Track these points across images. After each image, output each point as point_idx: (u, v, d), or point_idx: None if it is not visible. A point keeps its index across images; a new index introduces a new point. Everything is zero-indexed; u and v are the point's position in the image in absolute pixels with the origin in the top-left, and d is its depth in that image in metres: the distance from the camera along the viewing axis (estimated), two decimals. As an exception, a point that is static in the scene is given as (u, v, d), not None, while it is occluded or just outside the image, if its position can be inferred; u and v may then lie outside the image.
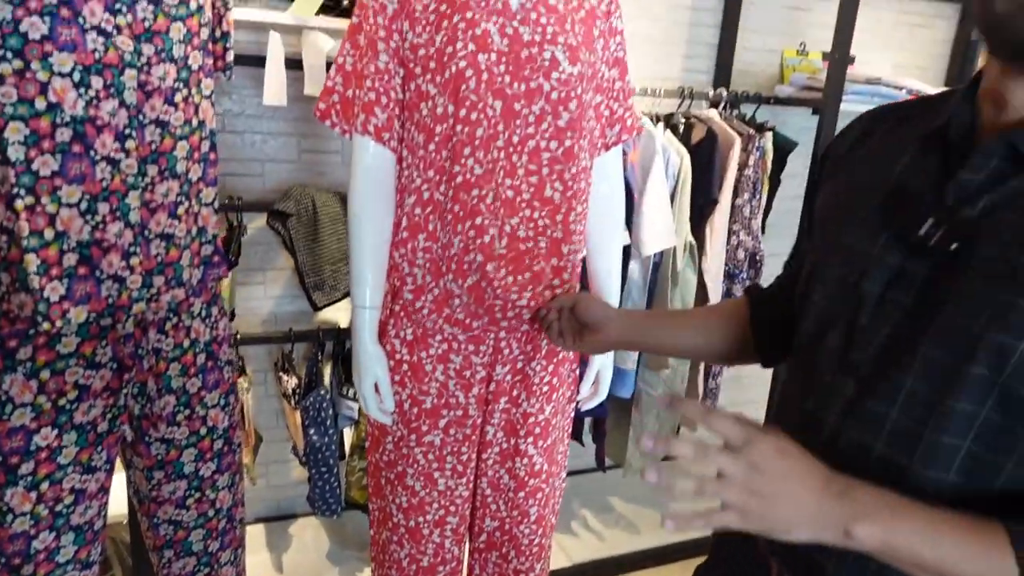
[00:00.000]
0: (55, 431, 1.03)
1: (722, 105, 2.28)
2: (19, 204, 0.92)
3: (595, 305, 1.08)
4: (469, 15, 1.15)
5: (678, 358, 2.17)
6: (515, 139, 1.19)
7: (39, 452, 1.03)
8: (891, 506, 0.61)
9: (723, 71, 2.48)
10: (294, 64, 1.76)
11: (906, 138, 0.74)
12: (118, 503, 1.47)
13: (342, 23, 1.65)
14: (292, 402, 1.96)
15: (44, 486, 1.04)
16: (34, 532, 1.05)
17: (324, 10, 1.62)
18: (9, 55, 0.89)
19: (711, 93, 2.27)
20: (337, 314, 2.17)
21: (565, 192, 1.23)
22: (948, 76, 2.93)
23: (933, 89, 2.46)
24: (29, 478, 1.03)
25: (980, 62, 2.81)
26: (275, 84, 1.61)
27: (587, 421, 2.45)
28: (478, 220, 1.17)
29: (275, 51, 1.60)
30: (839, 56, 2.03)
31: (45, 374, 1.01)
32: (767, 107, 2.38)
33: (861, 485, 0.63)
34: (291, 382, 1.97)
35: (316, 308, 1.91)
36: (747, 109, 2.38)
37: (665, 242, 2.06)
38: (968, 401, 0.62)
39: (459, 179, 1.17)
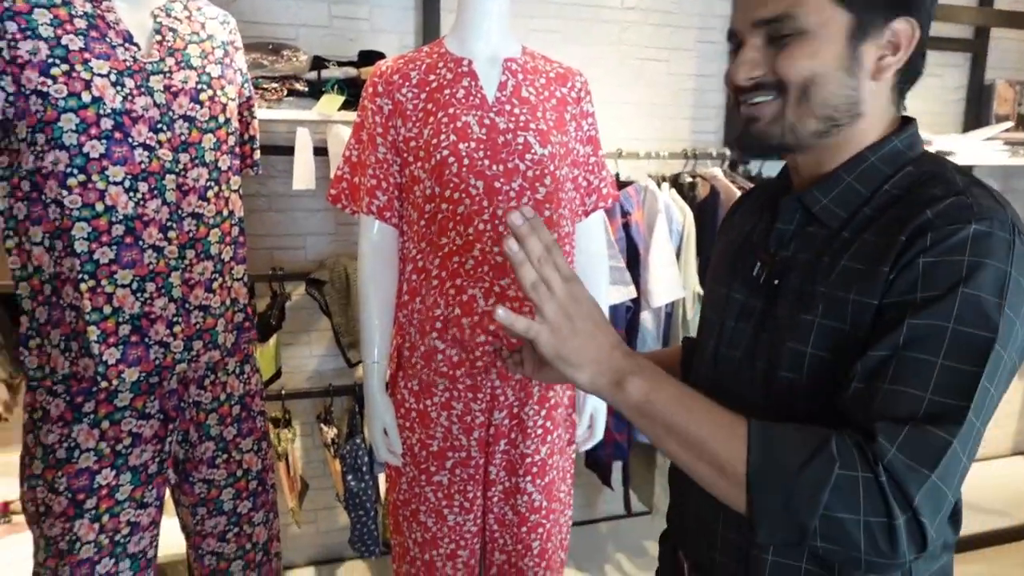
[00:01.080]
0: (114, 472, 1.24)
1: (727, 163, 2.42)
2: (83, 287, 1.16)
3: None
4: (451, 111, 1.35)
5: None
6: (499, 212, 1.37)
7: (101, 489, 1.24)
8: (661, 373, 0.73)
9: (732, 131, 2.63)
10: (323, 151, 2.01)
11: (756, 205, 0.92)
12: (179, 544, 1.68)
13: (361, 115, 1.90)
14: (332, 451, 2.16)
15: (105, 518, 1.25)
16: (97, 558, 1.25)
17: (345, 105, 1.87)
18: (75, 171, 1.13)
19: (714, 152, 2.42)
20: (374, 370, 2.37)
21: (543, 256, 1.40)
22: (966, 120, 2.99)
23: (939, 137, 2.54)
24: (93, 511, 1.23)
25: (995, 106, 2.87)
26: (304, 171, 1.86)
27: (616, 466, 2.56)
28: (458, 282, 1.36)
29: (303, 143, 1.85)
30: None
31: (105, 424, 1.23)
32: (772, 163, 2.51)
33: (643, 355, 0.75)
34: (331, 432, 2.17)
35: (350, 364, 2.12)
36: (754, 166, 2.52)
37: (673, 294, 2.19)
38: (786, 400, 0.77)
39: (445, 249, 1.36)
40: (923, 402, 0.64)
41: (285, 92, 1.84)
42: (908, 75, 0.78)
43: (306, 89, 1.87)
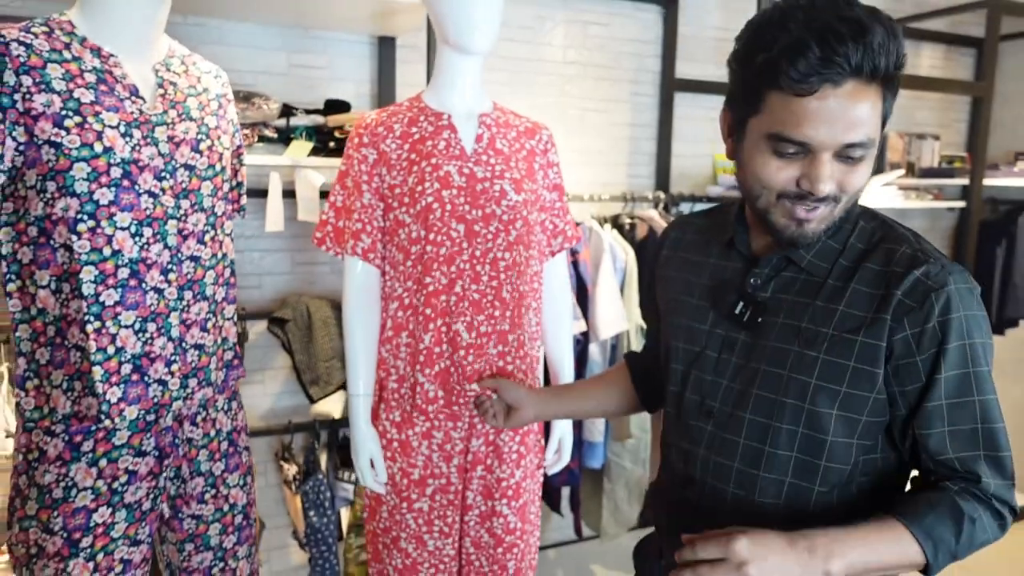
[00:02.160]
0: (110, 509, 1.26)
1: (661, 205, 2.63)
2: (89, 328, 1.20)
3: (512, 389, 1.34)
4: (434, 161, 1.47)
5: (588, 419, 2.43)
6: (478, 253, 1.49)
7: (96, 528, 1.25)
8: (839, 540, 0.81)
9: (662, 175, 2.85)
10: (288, 194, 2.09)
11: (709, 246, 1.07)
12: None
13: (328, 161, 1.99)
14: (293, 488, 2.18)
15: (100, 557, 1.26)
16: (90, 598, 1.26)
17: (314, 151, 1.95)
18: (85, 217, 1.18)
19: (650, 196, 2.62)
20: (331, 406, 2.41)
21: (515, 294, 1.52)
22: (864, 166, 3.32)
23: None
24: (88, 550, 1.25)
25: (888, 155, 3.21)
26: (275, 214, 1.93)
27: (564, 492, 2.67)
28: (446, 319, 1.46)
29: (275, 188, 1.92)
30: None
31: (103, 462, 1.25)
32: (702, 204, 2.73)
33: (812, 534, 0.81)
34: (291, 469, 2.20)
35: (312, 401, 2.16)
36: (686, 207, 2.74)
37: (618, 327, 2.35)
38: (789, 423, 0.92)
39: (431, 287, 1.46)
40: (979, 433, 0.87)
41: (256, 138, 1.91)
42: None
43: (275, 136, 1.94)
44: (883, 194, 2.93)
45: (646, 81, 2.83)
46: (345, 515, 2.29)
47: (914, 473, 0.96)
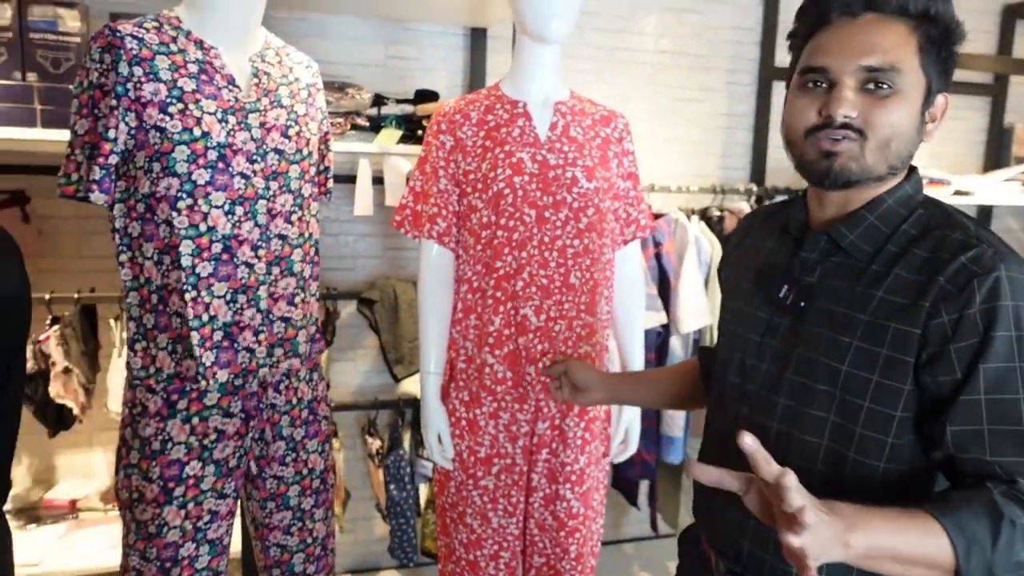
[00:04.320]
0: (200, 464, 1.38)
1: (753, 198, 2.56)
2: (187, 296, 1.31)
3: (582, 370, 1.34)
4: (507, 148, 1.51)
5: (656, 408, 2.38)
6: (546, 239, 1.52)
7: (188, 479, 1.38)
8: (862, 513, 0.75)
9: (758, 167, 2.77)
10: (378, 180, 2.18)
11: (769, 231, 1.06)
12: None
13: (416, 149, 2.07)
14: (376, 461, 2.29)
15: (190, 506, 1.39)
16: (181, 542, 1.39)
17: (402, 139, 2.04)
18: (184, 195, 1.29)
19: (742, 188, 2.56)
20: (415, 386, 2.51)
21: (584, 281, 1.54)
22: (986, 162, 3.11)
23: (958, 178, 2.67)
24: (180, 499, 1.37)
25: (1014, 149, 2.98)
26: (364, 199, 2.02)
27: (643, 486, 2.66)
28: (515, 302, 1.50)
29: (364, 174, 2.02)
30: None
31: (195, 420, 1.37)
32: (797, 197, 2.64)
33: (839, 504, 0.75)
34: (375, 444, 2.31)
35: (396, 380, 2.26)
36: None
37: (701, 321, 2.31)
38: (819, 409, 0.89)
39: (500, 271, 1.50)
40: (1022, 435, 0.79)
41: (349, 126, 2.01)
42: None
43: (367, 124, 2.04)
44: (1004, 189, 2.73)
45: (743, 70, 2.76)
46: (424, 491, 2.38)
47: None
